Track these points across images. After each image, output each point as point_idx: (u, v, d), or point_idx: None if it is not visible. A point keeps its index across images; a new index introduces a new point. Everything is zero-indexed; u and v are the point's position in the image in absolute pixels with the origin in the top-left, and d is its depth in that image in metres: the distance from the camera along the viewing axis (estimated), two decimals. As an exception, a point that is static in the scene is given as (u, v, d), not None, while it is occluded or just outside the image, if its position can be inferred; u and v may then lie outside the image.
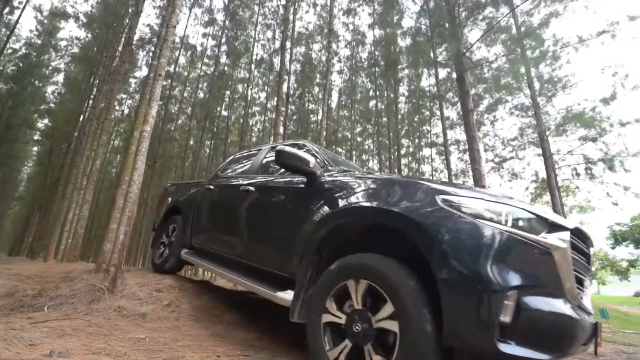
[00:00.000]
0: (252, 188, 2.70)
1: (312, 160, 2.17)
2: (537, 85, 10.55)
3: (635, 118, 9.60)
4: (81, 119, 15.39)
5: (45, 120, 18.79)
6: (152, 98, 3.60)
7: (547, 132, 10.16)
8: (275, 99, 15.56)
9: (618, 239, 26.94)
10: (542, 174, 10.95)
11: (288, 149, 2.15)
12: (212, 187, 3.35)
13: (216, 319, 2.66)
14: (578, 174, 10.22)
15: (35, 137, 19.85)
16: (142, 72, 18.04)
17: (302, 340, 2.40)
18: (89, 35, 15.55)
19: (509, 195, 1.65)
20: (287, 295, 1.91)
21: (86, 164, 8.25)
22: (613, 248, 28.04)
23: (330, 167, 2.36)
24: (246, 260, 2.50)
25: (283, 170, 2.66)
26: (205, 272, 13.44)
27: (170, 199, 3.98)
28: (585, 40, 9.46)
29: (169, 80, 16.38)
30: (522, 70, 9.95)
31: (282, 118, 9.50)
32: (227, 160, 3.82)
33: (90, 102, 13.23)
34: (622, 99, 9.82)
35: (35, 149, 23.21)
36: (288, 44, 12.13)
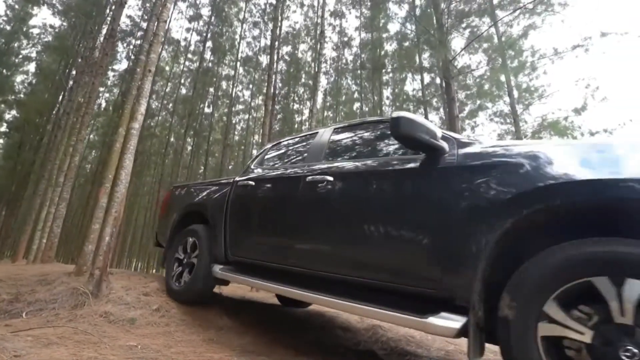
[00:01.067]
0: (329, 177, 2.09)
1: (439, 132, 1.67)
2: (515, 94, 11.01)
3: (603, 128, 10.19)
4: (55, 111, 14.63)
5: (14, 112, 17.71)
6: (140, 94, 3.45)
7: (524, 139, 10.61)
8: (263, 97, 15.41)
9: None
10: (519, 179, 11.38)
11: (409, 115, 1.58)
12: (251, 182, 2.74)
13: (207, 324, 2.60)
14: (552, 180, 10.68)
15: (2, 129, 18.66)
16: (122, 65, 17.38)
17: (300, 343, 2.40)
18: (65, 24, 14.79)
19: None
20: (450, 322, 1.29)
21: (63, 159, 7.81)
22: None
23: (459, 140, 1.73)
24: (347, 276, 1.86)
25: (364, 150, 2.26)
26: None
27: (179, 205, 3.38)
28: (561, 53, 9.94)
29: (151, 75, 15.84)
30: (503, 78, 10.35)
31: (269, 117, 9.40)
32: (263, 149, 3.17)
33: (66, 94, 12.58)
34: (592, 110, 10.39)
35: (1, 141, 21.83)
36: (276, 43, 12.04)
